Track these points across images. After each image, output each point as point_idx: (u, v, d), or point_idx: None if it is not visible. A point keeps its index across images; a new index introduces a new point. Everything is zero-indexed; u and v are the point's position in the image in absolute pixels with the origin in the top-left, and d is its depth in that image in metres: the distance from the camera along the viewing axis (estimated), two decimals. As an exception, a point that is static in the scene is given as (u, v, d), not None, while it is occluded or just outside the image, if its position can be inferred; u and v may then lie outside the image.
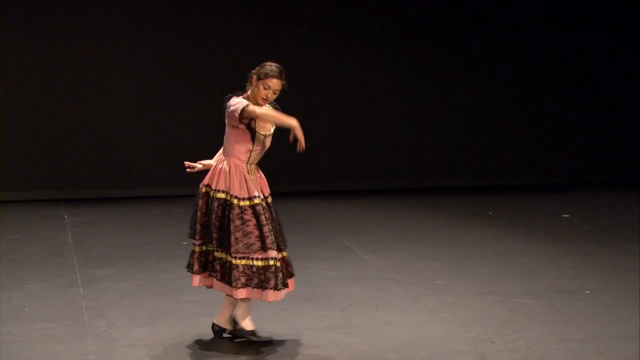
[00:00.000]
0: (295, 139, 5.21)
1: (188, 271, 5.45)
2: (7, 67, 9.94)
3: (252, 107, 5.19)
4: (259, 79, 5.27)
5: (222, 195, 5.29)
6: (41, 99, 10.08)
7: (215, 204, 5.28)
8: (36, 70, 10.02)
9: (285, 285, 5.38)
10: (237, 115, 5.21)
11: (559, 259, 7.60)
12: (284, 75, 5.30)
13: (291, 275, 5.54)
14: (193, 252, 5.42)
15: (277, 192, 10.51)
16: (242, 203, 5.27)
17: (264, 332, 5.65)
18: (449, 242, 8.22)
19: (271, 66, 5.29)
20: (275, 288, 5.28)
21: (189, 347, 5.42)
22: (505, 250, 7.94)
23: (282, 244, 5.43)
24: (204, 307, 6.08)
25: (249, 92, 5.35)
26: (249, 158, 5.36)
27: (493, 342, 5.56)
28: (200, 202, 5.35)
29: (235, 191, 5.28)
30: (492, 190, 10.78)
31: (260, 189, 5.38)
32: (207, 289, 5.46)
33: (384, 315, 6.05)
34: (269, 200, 5.44)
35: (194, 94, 10.25)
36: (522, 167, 11.34)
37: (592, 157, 11.46)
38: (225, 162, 5.36)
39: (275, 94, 5.32)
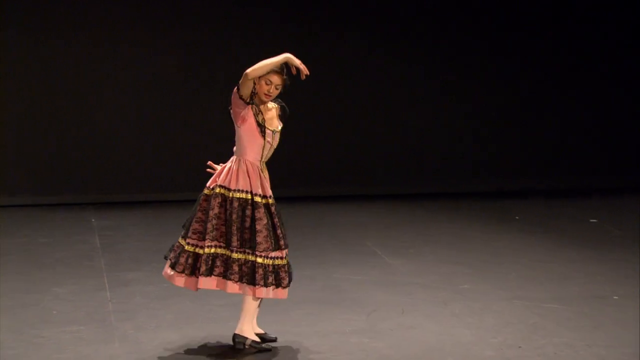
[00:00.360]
0: (298, 71, 5.24)
1: (171, 268, 5.40)
2: (32, 71, 10.02)
3: (245, 74, 5.19)
4: (261, 76, 5.28)
5: (243, 195, 5.30)
6: (68, 102, 10.16)
7: (236, 204, 5.29)
8: (60, 74, 10.10)
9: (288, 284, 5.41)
10: (237, 93, 5.24)
11: (587, 264, 7.56)
12: (284, 70, 5.32)
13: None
14: (183, 252, 5.37)
15: (301, 196, 10.68)
16: (263, 201, 5.32)
17: (291, 335, 5.66)
18: (474, 247, 8.19)
19: None
20: (287, 286, 5.34)
21: (215, 350, 5.43)
22: (532, 255, 7.90)
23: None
24: (231, 310, 6.10)
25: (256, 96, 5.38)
26: (261, 156, 5.38)
27: (520, 347, 5.54)
28: (214, 203, 5.33)
29: (257, 189, 5.32)
30: (517, 195, 10.73)
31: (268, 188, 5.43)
32: (194, 291, 5.43)
33: (409, 320, 6.04)
34: (269, 201, 5.42)
35: (222, 98, 10.30)
36: (548, 171, 11.28)
37: (621, 161, 11.38)
38: (239, 161, 5.37)
39: (277, 89, 5.33)
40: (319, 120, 10.72)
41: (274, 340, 5.56)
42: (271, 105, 5.46)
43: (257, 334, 5.51)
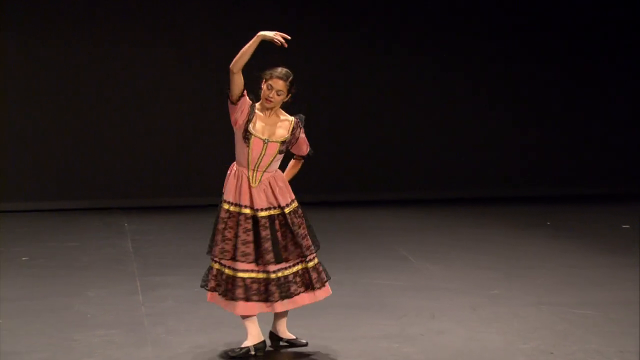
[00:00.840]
0: (278, 44, 5.12)
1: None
2: (59, 74, 10.12)
3: (229, 70, 5.11)
4: (265, 80, 5.24)
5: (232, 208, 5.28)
6: (97, 107, 10.26)
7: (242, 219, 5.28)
8: (93, 79, 10.21)
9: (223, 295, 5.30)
10: (228, 94, 5.15)
11: (617, 270, 7.51)
12: (289, 79, 5.24)
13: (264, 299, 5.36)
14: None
15: (332, 201, 10.69)
16: (250, 213, 5.24)
17: (320, 340, 5.67)
18: (504, 252, 8.17)
19: (277, 68, 5.26)
20: (277, 300, 5.27)
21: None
22: (562, 260, 7.87)
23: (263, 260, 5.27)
24: (260, 315, 6.13)
25: (260, 102, 5.30)
26: (248, 163, 5.27)
27: (551, 353, 5.50)
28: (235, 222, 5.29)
29: (242, 201, 5.24)
30: (548, 200, 10.69)
31: (265, 200, 5.27)
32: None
33: (439, 325, 6.03)
34: (285, 210, 5.27)
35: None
36: (580, 177, 11.23)
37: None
38: (232, 166, 5.35)
39: (279, 95, 5.22)
40: (348, 126, 10.75)
41: (305, 344, 5.57)
42: (284, 117, 5.32)
43: (288, 339, 5.52)
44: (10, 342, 5.59)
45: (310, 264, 5.35)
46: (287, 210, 5.28)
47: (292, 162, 5.53)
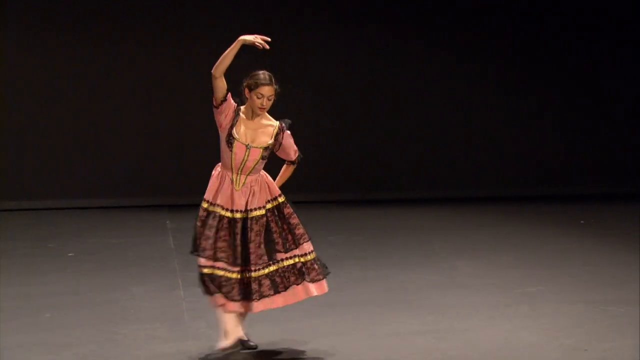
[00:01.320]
0: (260, 48, 5.12)
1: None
2: (94, 76, 10.27)
3: (212, 75, 5.11)
4: (250, 90, 5.23)
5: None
6: (137, 106, 10.41)
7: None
8: (123, 77, 10.33)
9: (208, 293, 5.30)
10: (214, 99, 5.18)
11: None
12: (273, 80, 5.24)
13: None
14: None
15: (362, 200, 10.71)
16: (227, 215, 5.27)
17: (352, 337, 5.73)
18: (540, 250, 8.20)
19: (259, 75, 5.24)
20: (236, 300, 5.27)
21: (286, 349, 5.54)
22: (597, 259, 7.88)
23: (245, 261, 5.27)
24: (298, 309, 6.21)
25: (245, 106, 5.30)
26: (231, 166, 5.28)
27: (585, 350, 5.53)
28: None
29: (223, 204, 5.27)
30: (582, 199, 10.68)
31: (245, 202, 5.26)
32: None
33: (474, 322, 6.08)
34: (250, 215, 5.25)
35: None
36: (617, 175, 11.19)
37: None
38: (216, 168, 5.38)
39: (270, 100, 5.24)
40: (389, 125, 10.82)
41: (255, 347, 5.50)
42: (268, 122, 5.32)
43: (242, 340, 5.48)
44: (59, 334, 5.76)
45: (287, 263, 5.30)
46: (249, 215, 5.24)
47: (283, 167, 5.50)
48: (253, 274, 5.25)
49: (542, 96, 11.09)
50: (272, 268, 5.29)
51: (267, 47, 5.12)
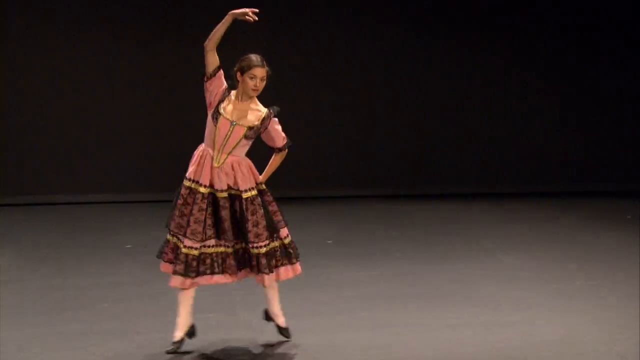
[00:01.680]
0: (251, 21, 5.22)
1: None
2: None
3: (204, 48, 5.20)
4: (242, 73, 5.27)
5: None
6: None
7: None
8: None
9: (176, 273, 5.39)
10: (205, 75, 5.25)
11: None
12: (264, 62, 5.28)
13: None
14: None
15: (407, 194, 10.66)
16: (206, 191, 5.33)
17: (406, 328, 5.83)
18: (588, 244, 8.23)
19: (250, 57, 5.30)
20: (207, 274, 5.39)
21: (335, 343, 5.59)
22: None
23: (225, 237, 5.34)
24: (362, 301, 6.29)
25: (237, 89, 5.35)
26: (213, 143, 5.30)
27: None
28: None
29: (201, 180, 5.33)
30: (627, 195, 10.67)
31: (225, 181, 5.31)
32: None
33: (526, 315, 6.11)
34: (242, 196, 5.31)
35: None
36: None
37: None
38: (200, 147, 5.42)
39: (263, 81, 5.27)
40: (440, 123, 10.90)
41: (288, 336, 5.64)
42: (257, 107, 5.35)
43: (277, 324, 5.65)
44: (119, 323, 5.95)
45: (263, 250, 5.35)
46: (244, 196, 5.31)
47: (272, 156, 5.55)
48: (252, 251, 5.32)
49: (582, 95, 11.06)
50: (271, 245, 5.38)
51: (256, 18, 5.23)
